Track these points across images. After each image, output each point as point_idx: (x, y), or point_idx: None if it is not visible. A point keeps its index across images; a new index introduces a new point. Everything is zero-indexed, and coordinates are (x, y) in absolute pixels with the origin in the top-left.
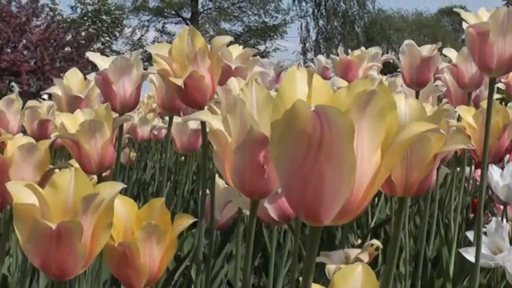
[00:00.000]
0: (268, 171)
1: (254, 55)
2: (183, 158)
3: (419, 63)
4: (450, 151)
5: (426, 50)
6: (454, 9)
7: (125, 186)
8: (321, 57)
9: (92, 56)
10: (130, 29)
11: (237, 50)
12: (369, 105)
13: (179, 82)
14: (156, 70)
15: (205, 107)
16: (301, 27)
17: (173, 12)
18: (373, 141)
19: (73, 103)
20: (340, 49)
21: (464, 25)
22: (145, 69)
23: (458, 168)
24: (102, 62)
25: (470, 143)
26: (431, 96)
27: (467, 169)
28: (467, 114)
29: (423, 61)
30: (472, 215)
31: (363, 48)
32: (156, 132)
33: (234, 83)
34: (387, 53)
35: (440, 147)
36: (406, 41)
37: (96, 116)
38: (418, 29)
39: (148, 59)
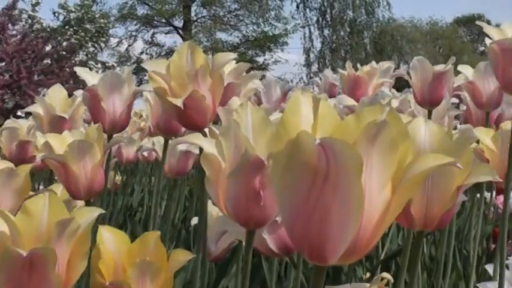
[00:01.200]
0: (265, 198)
1: (248, 70)
2: (173, 181)
3: (432, 80)
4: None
5: (440, 67)
6: (477, 22)
7: (103, 211)
8: (328, 73)
9: (81, 72)
10: (116, 39)
11: (230, 64)
12: (379, 136)
13: (178, 102)
14: (153, 88)
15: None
16: (304, 37)
17: (163, 20)
18: (383, 175)
19: (56, 124)
20: (348, 64)
21: (488, 41)
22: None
23: (478, 194)
24: (91, 78)
25: (497, 175)
26: (446, 116)
27: (487, 195)
28: (486, 136)
29: (435, 77)
30: (493, 246)
31: (373, 63)
32: (146, 154)
33: (236, 102)
34: (398, 65)
35: (464, 178)
36: (417, 57)
37: (86, 136)
38: (433, 39)
39: (136, 72)
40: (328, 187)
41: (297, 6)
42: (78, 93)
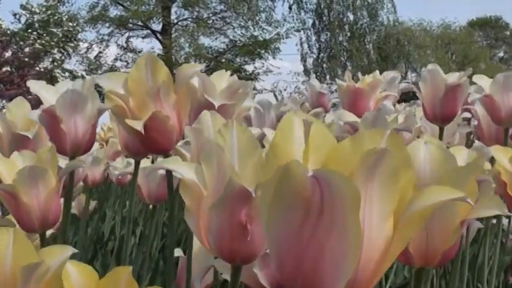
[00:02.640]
0: (253, 232)
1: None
2: (150, 206)
3: (444, 93)
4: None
5: (454, 77)
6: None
7: (76, 251)
8: (314, 82)
9: (35, 87)
10: (86, 44)
11: (223, 78)
12: (379, 166)
13: (138, 126)
14: (110, 109)
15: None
16: (300, 43)
17: (140, 23)
18: (384, 209)
19: (18, 144)
20: (347, 74)
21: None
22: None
23: (494, 221)
24: (48, 95)
25: (507, 209)
26: (457, 134)
27: (504, 221)
28: (503, 156)
29: (448, 90)
30: (511, 278)
31: (376, 73)
32: (119, 176)
33: (206, 119)
34: (406, 74)
35: (469, 211)
36: (429, 66)
37: (37, 160)
38: (444, 45)
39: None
40: (323, 222)
41: (290, 8)
42: (34, 114)
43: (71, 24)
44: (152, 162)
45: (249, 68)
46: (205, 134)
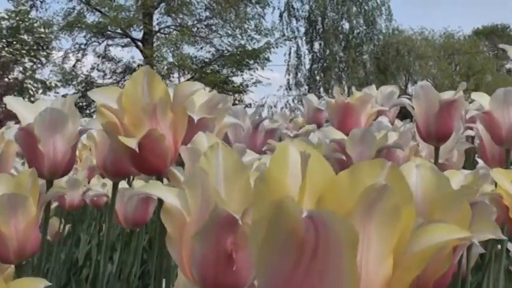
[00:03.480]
0: (239, 262)
1: (223, 92)
2: (128, 230)
3: (438, 111)
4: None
5: (449, 94)
6: (501, 46)
7: (49, 284)
8: (312, 97)
9: (12, 103)
10: (61, 53)
11: (201, 95)
12: (378, 204)
13: (132, 144)
14: (102, 125)
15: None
16: (290, 53)
17: (119, 31)
18: (382, 248)
19: None
20: (336, 89)
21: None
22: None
23: (499, 246)
24: (26, 113)
25: (500, 232)
26: (455, 152)
27: (510, 246)
28: (505, 179)
29: (443, 107)
30: None
31: (371, 88)
32: (94, 198)
33: (201, 140)
34: (406, 87)
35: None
36: (421, 84)
37: (16, 185)
38: (448, 55)
39: (85, 93)
40: (317, 264)
41: (280, 15)
42: (9, 133)
43: (43, 30)
44: (128, 183)
45: (237, 79)
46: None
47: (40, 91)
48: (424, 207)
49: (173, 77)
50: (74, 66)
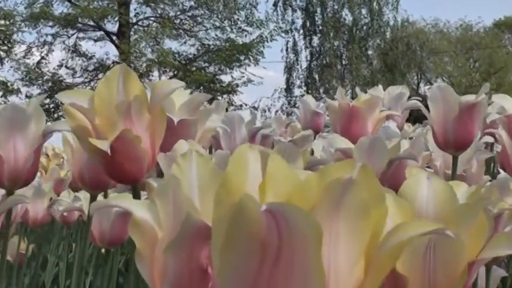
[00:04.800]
0: (214, 277)
1: (211, 95)
2: (103, 250)
3: (458, 115)
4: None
5: (469, 97)
6: None
7: None
8: (309, 98)
9: None
10: (24, 48)
11: (181, 95)
12: (345, 199)
13: (104, 146)
14: (71, 127)
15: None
16: (287, 49)
17: (91, 23)
18: (352, 249)
19: None
20: (340, 91)
21: None
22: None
23: None
24: None
25: None
26: (474, 161)
27: None
28: None
29: (463, 111)
30: None
31: (378, 89)
32: (64, 212)
33: (183, 147)
34: (417, 87)
35: (478, 251)
36: (438, 85)
37: None
38: (466, 50)
39: (51, 93)
40: (281, 265)
41: (275, 5)
42: None
43: (3, 22)
44: (105, 196)
45: (226, 78)
46: None
47: None
48: (436, 220)
49: (153, 75)
50: (39, 62)
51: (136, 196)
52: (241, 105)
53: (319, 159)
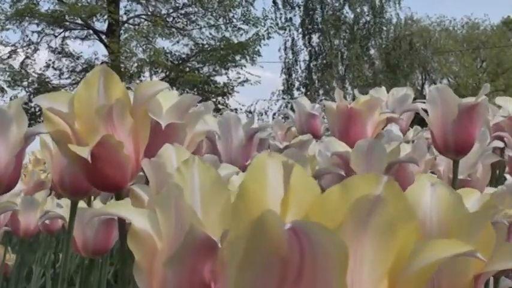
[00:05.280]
0: None
1: (203, 97)
2: (88, 260)
3: (457, 117)
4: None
5: (469, 99)
6: None
7: None
8: (303, 100)
9: None
10: (8, 48)
11: (170, 97)
12: (372, 218)
13: (84, 152)
14: (49, 133)
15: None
16: (286, 48)
17: (79, 21)
18: (376, 269)
19: None
20: (338, 92)
21: None
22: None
23: None
24: None
25: None
26: (479, 166)
27: None
28: None
29: (463, 113)
30: None
31: (381, 90)
32: (47, 222)
33: (168, 153)
34: (422, 88)
35: (484, 263)
36: (436, 86)
37: None
38: (472, 49)
39: (37, 92)
40: (303, 286)
41: (274, 2)
42: None
43: None
44: (89, 203)
45: (221, 79)
46: (167, 170)
47: None
48: (441, 232)
49: (144, 76)
50: (22, 63)
51: None
52: (236, 109)
53: (330, 168)
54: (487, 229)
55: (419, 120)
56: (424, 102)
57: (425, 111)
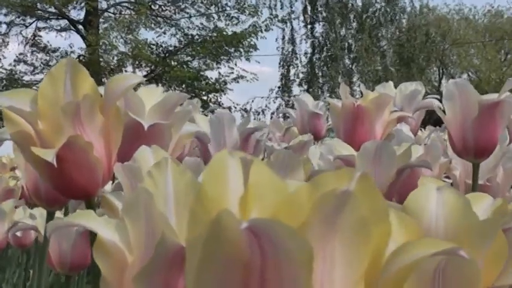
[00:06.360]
0: None
1: (192, 95)
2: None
3: (477, 116)
4: None
5: (491, 96)
6: None
7: None
8: (306, 97)
9: None
10: None
11: (153, 94)
12: (340, 216)
13: (49, 156)
14: (10, 135)
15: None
16: (283, 37)
17: (53, 9)
18: (350, 271)
19: None
20: (343, 88)
21: None
22: None
23: None
24: None
25: None
26: (500, 169)
27: None
28: None
29: (483, 112)
30: None
31: (389, 86)
32: (19, 234)
33: (145, 156)
34: (439, 84)
35: (495, 277)
36: (454, 81)
37: None
38: (495, 40)
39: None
40: None
41: None
42: None
43: None
44: (66, 213)
45: (212, 74)
46: (144, 175)
47: None
48: (447, 239)
49: (126, 71)
50: None
51: None
52: (230, 108)
53: (324, 170)
54: (498, 238)
55: (435, 121)
56: (438, 98)
57: (442, 109)
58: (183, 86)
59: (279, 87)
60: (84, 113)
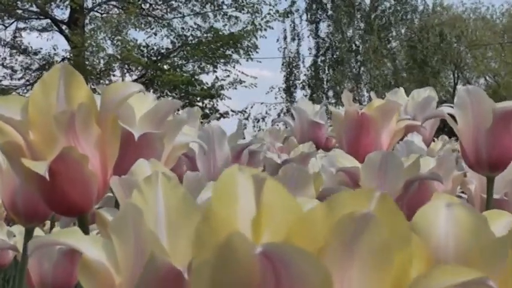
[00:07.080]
0: None
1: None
2: None
3: (492, 126)
4: None
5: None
6: None
7: None
8: (305, 104)
9: None
10: None
11: (144, 101)
12: (359, 240)
13: (41, 168)
14: None
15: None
16: (285, 37)
17: (35, 8)
18: None
19: None
20: (347, 95)
21: None
22: None
23: None
24: None
25: None
26: None
27: None
28: None
29: (498, 120)
30: None
31: (399, 92)
32: None
33: (142, 170)
34: (454, 89)
35: None
36: (466, 87)
37: None
38: None
39: None
40: None
41: None
42: None
43: None
44: (51, 228)
45: (208, 78)
46: None
47: None
48: (458, 261)
49: (114, 75)
50: None
51: (85, 231)
52: (226, 113)
53: (337, 187)
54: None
55: (450, 130)
56: (453, 106)
57: (454, 117)
58: (176, 91)
59: (284, 91)
60: (79, 123)
